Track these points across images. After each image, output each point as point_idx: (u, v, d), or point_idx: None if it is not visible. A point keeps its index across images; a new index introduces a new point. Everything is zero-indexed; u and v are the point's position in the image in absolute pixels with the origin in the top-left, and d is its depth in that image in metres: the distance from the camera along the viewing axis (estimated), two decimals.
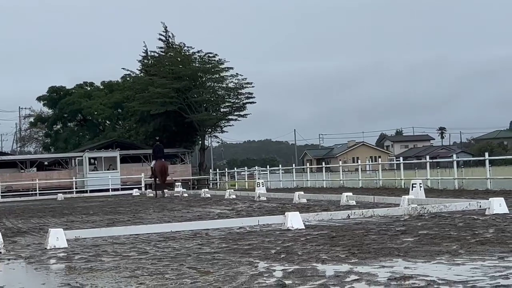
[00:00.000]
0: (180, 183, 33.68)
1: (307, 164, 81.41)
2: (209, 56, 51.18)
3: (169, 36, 53.58)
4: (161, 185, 29.26)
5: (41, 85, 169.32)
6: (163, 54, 53.51)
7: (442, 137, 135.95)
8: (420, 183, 15.68)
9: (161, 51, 53.66)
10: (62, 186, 44.28)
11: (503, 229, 8.54)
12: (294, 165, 45.86)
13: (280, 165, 50.59)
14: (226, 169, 52.63)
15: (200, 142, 54.12)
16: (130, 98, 55.10)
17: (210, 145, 73.34)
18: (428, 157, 29.12)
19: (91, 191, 42.30)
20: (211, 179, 51.83)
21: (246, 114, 52.13)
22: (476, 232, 8.30)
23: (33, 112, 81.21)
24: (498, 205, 10.99)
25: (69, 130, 71.19)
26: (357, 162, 37.22)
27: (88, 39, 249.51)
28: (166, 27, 53.59)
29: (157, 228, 10.33)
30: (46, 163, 54.15)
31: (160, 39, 53.51)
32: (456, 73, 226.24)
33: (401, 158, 37.06)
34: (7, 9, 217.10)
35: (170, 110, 49.68)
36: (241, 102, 51.63)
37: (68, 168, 50.34)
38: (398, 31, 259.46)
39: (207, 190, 27.81)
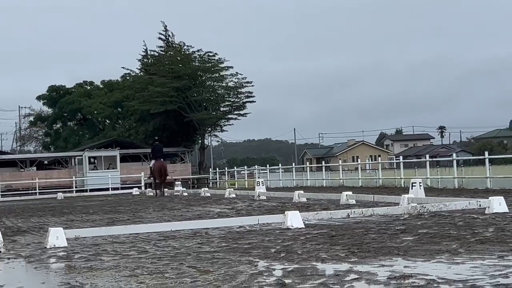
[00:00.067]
0: (180, 182, 33.68)
1: (307, 163, 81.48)
2: (209, 55, 51.17)
3: (169, 35, 53.60)
4: (161, 184, 29.29)
5: (41, 85, 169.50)
6: (163, 53, 53.46)
7: (442, 136, 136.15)
8: (420, 182, 15.69)
9: (161, 50, 53.63)
10: (62, 185, 44.30)
11: (503, 228, 8.54)
12: (294, 164, 45.91)
13: (280, 164, 50.70)
14: (226, 168, 52.61)
15: (200, 141, 54.11)
16: (130, 97, 55.07)
17: (210, 144, 73.34)
18: (428, 156, 29.09)
19: (91, 190, 42.29)
20: (211, 178, 51.82)
21: (246, 113, 52.18)
22: (476, 231, 8.30)
23: (33, 111, 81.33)
24: (498, 204, 10.99)
25: (69, 129, 71.15)
26: (357, 161, 37.22)
27: (88, 39, 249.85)
28: (166, 26, 53.62)
29: (157, 227, 10.33)
30: (46, 162, 54.14)
31: (160, 38, 53.56)
32: (456, 73, 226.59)
33: (401, 157, 37.11)
34: (7, 9, 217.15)
35: (170, 109, 49.65)
36: (241, 101, 51.61)
37: (68, 167, 50.33)
38: (398, 31, 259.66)
39: (207, 189, 27.79)
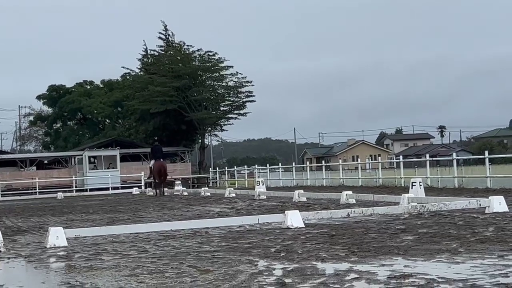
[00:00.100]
0: (180, 182, 33.68)
1: (307, 163, 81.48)
2: (209, 55, 51.17)
3: (169, 35, 53.59)
4: (161, 184, 29.30)
5: (41, 84, 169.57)
6: (163, 53, 53.45)
7: (442, 136, 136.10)
8: (420, 182, 15.67)
9: (161, 50, 53.63)
10: (62, 185, 44.31)
11: (503, 228, 8.54)
12: (294, 164, 45.89)
13: (280, 164, 50.71)
14: (226, 168, 52.64)
15: (200, 141, 54.12)
16: (130, 97, 55.05)
17: (210, 144, 73.42)
18: (428, 156, 29.10)
19: (91, 190, 42.29)
20: (211, 178, 51.83)
21: (246, 113, 52.20)
22: (476, 231, 8.30)
23: (33, 111, 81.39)
24: (498, 204, 10.99)
25: (69, 129, 71.16)
26: (357, 161, 37.22)
27: (88, 39, 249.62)
28: (166, 26, 53.61)
29: (157, 227, 10.33)
30: (46, 162, 54.13)
31: (160, 38, 53.56)
32: (456, 72, 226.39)
33: (401, 157, 37.15)
34: (7, 9, 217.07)
35: (170, 109, 49.65)
36: (241, 101, 51.62)
37: (68, 167, 50.33)
38: (398, 31, 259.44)
39: (207, 189, 27.78)
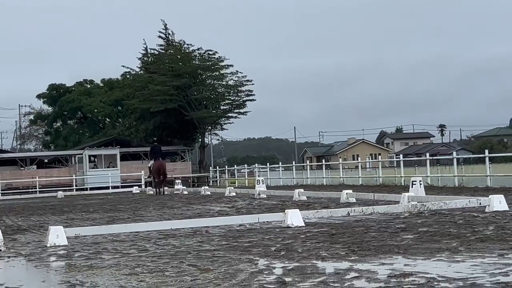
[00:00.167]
0: (180, 181, 33.71)
1: (307, 162, 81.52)
2: (209, 54, 51.15)
3: (169, 34, 53.53)
4: (161, 183, 29.33)
5: (41, 83, 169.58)
6: (163, 52, 53.41)
7: (442, 135, 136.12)
8: (420, 181, 15.68)
9: (161, 49, 53.58)
10: (62, 184, 44.35)
11: (503, 226, 8.54)
12: (294, 163, 45.86)
13: (280, 163, 50.67)
14: (226, 167, 52.67)
15: (200, 140, 54.11)
16: (130, 96, 55.03)
17: (210, 143, 73.47)
18: (428, 155, 29.10)
19: (91, 189, 42.31)
20: (211, 177, 51.84)
21: (246, 112, 52.18)
22: (476, 230, 8.30)
23: (33, 110, 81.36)
24: (498, 203, 11.00)
25: (69, 128, 71.15)
26: (357, 160, 37.23)
27: (88, 39, 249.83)
28: (166, 25, 53.52)
29: (157, 226, 10.33)
30: (46, 161, 54.11)
31: (160, 37, 53.50)
32: (456, 72, 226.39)
33: (401, 156, 37.11)
34: (7, 9, 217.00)
35: (170, 108, 49.63)
36: (241, 100, 51.61)
37: (68, 166, 50.32)
38: (398, 30, 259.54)
39: (207, 188, 27.80)
